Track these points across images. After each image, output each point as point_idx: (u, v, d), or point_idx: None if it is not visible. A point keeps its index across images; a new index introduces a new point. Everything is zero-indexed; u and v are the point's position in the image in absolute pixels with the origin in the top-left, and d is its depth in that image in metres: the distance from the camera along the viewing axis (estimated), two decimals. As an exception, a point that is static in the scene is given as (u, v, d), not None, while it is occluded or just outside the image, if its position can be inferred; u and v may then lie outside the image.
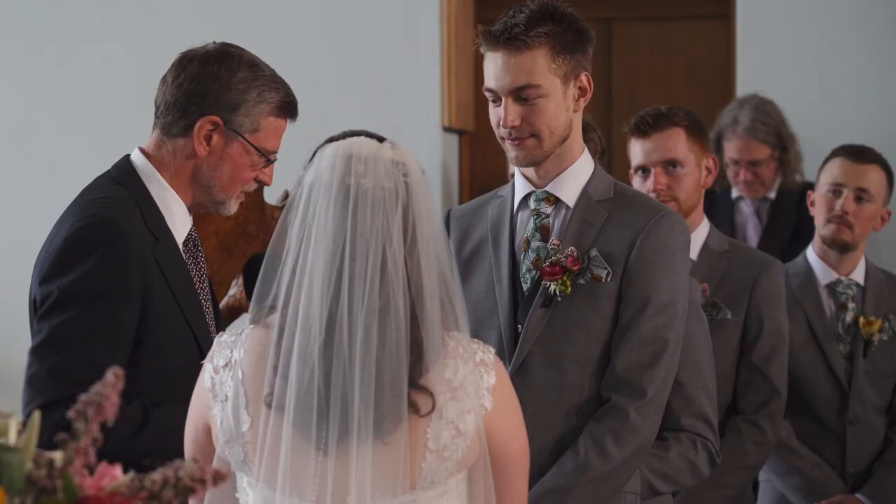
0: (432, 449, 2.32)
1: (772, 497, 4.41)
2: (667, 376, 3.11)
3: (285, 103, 3.11)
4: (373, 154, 2.35)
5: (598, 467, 3.03)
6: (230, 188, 3.10)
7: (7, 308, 6.28)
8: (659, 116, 4.00)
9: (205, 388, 2.40)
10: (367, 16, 6.36)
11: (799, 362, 4.29)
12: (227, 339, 2.41)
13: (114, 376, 1.40)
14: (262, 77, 3.07)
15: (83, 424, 1.37)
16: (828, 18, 6.07)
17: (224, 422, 2.35)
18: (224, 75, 3.04)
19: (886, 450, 4.36)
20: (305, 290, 2.31)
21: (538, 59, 3.07)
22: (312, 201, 2.33)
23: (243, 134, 3.05)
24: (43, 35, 6.54)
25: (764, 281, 4.01)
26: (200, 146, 3.05)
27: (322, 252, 2.31)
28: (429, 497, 2.34)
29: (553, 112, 3.10)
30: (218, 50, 3.09)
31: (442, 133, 6.35)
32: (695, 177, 3.99)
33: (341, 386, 2.28)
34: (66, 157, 6.46)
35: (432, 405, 2.31)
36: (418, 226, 2.34)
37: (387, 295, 2.29)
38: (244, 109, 3.05)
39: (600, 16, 6.24)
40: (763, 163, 5.62)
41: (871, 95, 6.03)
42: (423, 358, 2.31)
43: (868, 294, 4.41)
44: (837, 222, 4.37)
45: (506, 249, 3.19)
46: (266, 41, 6.30)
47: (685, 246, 3.17)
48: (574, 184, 3.17)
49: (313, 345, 2.29)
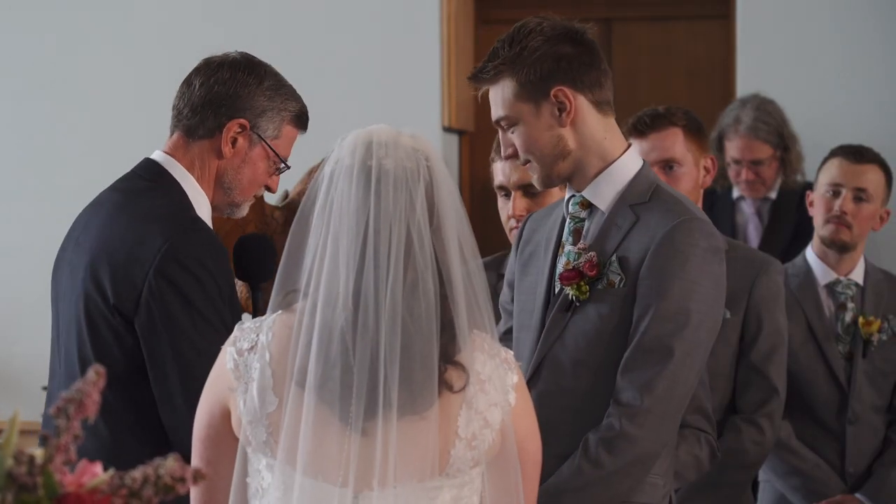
0: (462, 437, 2.33)
1: (771, 497, 4.40)
2: (672, 386, 3.01)
3: (303, 114, 3.24)
4: (393, 139, 2.36)
5: (588, 474, 2.99)
6: (248, 191, 3.21)
7: (7, 308, 6.30)
8: (657, 116, 4.00)
9: (226, 371, 2.39)
10: (367, 16, 6.36)
11: (798, 362, 4.29)
12: (250, 325, 2.42)
13: (95, 374, 1.41)
14: (285, 87, 3.21)
15: (64, 421, 1.38)
16: (828, 18, 6.07)
17: (248, 403, 2.35)
18: (253, 82, 3.16)
19: (886, 450, 4.36)
20: (329, 269, 2.31)
21: (505, 90, 3.08)
22: (334, 185, 2.35)
23: (266, 139, 3.16)
24: (42, 35, 6.54)
25: (763, 280, 4.00)
26: (226, 147, 3.15)
27: (345, 231, 2.31)
28: (452, 485, 2.35)
29: (532, 136, 3.09)
30: (245, 58, 3.21)
31: (442, 133, 6.35)
32: (693, 177, 3.98)
33: (369, 362, 2.28)
34: (66, 157, 6.46)
35: (466, 381, 2.32)
36: (442, 209, 2.35)
37: (414, 271, 2.29)
38: (269, 115, 3.17)
39: (600, 16, 6.25)
40: (765, 162, 5.62)
41: (871, 95, 6.03)
42: (455, 337, 2.32)
43: (867, 294, 4.41)
44: (836, 222, 4.37)
45: (550, 253, 3.17)
46: (266, 41, 6.31)
47: (706, 252, 3.05)
48: (609, 187, 3.11)
49: (340, 322, 2.30)
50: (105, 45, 6.51)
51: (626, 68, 6.40)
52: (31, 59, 6.53)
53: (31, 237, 6.25)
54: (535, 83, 3.07)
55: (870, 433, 4.35)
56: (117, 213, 3.11)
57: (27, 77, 6.54)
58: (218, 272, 3.05)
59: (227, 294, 3.07)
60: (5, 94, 6.57)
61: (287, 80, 3.24)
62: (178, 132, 3.18)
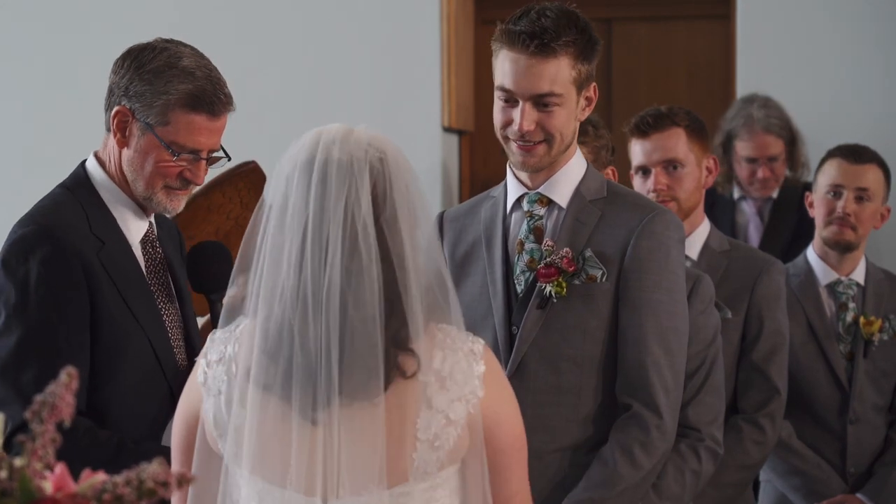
0: (422, 439, 2.31)
1: (772, 497, 4.40)
2: (678, 374, 3.12)
3: (196, 96, 3.05)
4: (343, 134, 2.35)
5: (629, 478, 3.03)
6: (153, 182, 3.09)
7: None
8: (659, 116, 4.00)
9: (197, 383, 2.40)
10: (367, 16, 6.36)
11: (799, 362, 4.29)
12: (220, 336, 2.41)
13: (67, 376, 1.40)
14: (174, 68, 3.06)
15: (38, 425, 1.37)
16: (827, 18, 6.07)
17: (216, 415, 2.35)
18: (132, 67, 3.08)
19: (887, 449, 4.36)
20: (272, 263, 2.31)
21: (562, 67, 3.06)
22: (279, 182, 2.35)
23: (152, 126, 3.06)
24: (42, 33, 6.54)
25: (764, 281, 4.00)
26: (117, 136, 3.09)
27: (287, 225, 2.31)
28: (422, 489, 2.33)
29: (566, 119, 3.10)
30: (146, 44, 3.12)
31: (442, 133, 6.35)
32: (695, 177, 3.99)
33: (312, 353, 2.27)
34: (66, 159, 6.45)
35: (417, 366, 2.30)
36: (397, 199, 2.32)
37: (358, 261, 2.28)
38: (148, 100, 3.05)
39: (600, 16, 6.23)
40: (778, 158, 5.64)
41: (870, 95, 6.03)
42: (406, 323, 2.30)
43: (868, 294, 4.41)
44: (839, 223, 4.36)
45: (499, 251, 3.18)
46: (266, 42, 6.31)
47: (680, 244, 3.17)
48: (566, 184, 3.17)
49: (282, 314, 2.29)
50: (107, 43, 6.50)
51: (626, 68, 6.39)
52: (32, 59, 6.53)
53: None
54: (587, 74, 3.12)
55: (871, 433, 4.35)
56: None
57: (27, 76, 6.54)
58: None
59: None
60: (5, 94, 6.57)
61: (195, 61, 3.08)
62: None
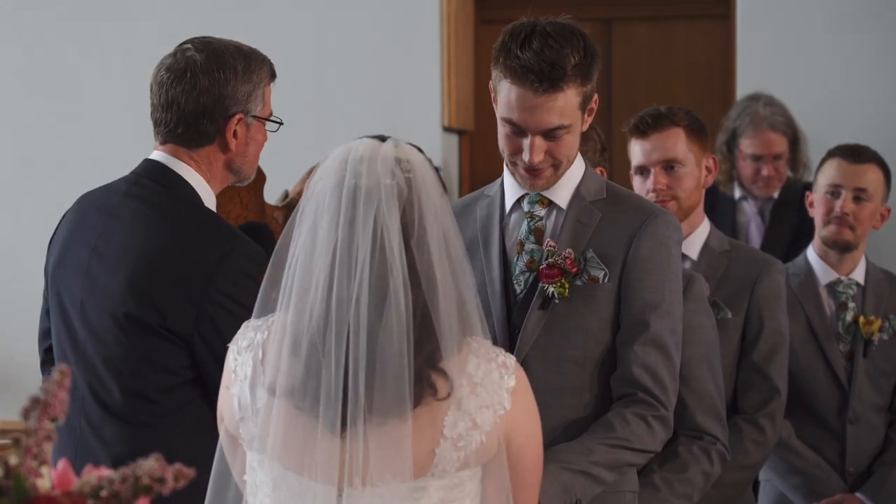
0: (447, 436, 2.33)
1: (772, 496, 4.40)
2: (675, 371, 3.13)
3: (271, 70, 3.30)
4: (371, 153, 2.37)
5: (650, 444, 3.08)
6: (255, 161, 3.30)
7: (7, 308, 6.29)
8: (658, 116, 4.00)
9: (229, 370, 2.45)
10: (367, 16, 6.36)
11: (799, 362, 4.29)
12: (254, 323, 2.46)
13: (60, 374, 1.40)
14: (250, 59, 3.24)
15: (33, 423, 1.37)
16: (828, 18, 6.07)
17: (241, 399, 2.40)
18: (231, 76, 3.19)
19: (886, 449, 4.36)
20: (301, 282, 2.35)
21: (570, 97, 3.03)
22: (312, 201, 2.38)
23: (259, 115, 3.23)
24: (41, 33, 6.54)
25: (764, 280, 4.00)
26: (231, 142, 3.21)
27: (319, 247, 2.35)
28: (439, 486, 2.35)
29: (573, 142, 3.10)
30: (208, 54, 3.20)
31: (442, 133, 6.35)
32: (695, 176, 3.99)
33: (342, 373, 2.31)
34: (66, 157, 6.46)
35: (450, 388, 2.33)
36: (427, 222, 2.35)
37: (385, 285, 2.31)
38: (254, 94, 3.23)
39: (600, 16, 6.25)
40: (783, 156, 5.64)
41: (870, 95, 6.03)
42: (438, 346, 2.33)
43: (868, 293, 4.40)
44: (838, 223, 4.36)
45: (496, 251, 3.18)
46: (266, 42, 6.30)
47: (679, 245, 3.19)
48: (566, 186, 3.17)
49: (311, 333, 2.33)
50: (104, 44, 6.50)
51: (626, 68, 6.40)
52: (31, 60, 6.54)
53: (31, 237, 6.24)
54: (590, 91, 3.10)
55: (870, 432, 4.35)
56: (146, 224, 3.14)
57: (27, 77, 6.54)
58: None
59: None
60: (5, 94, 6.58)
61: (245, 46, 3.28)
62: (172, 144, 3.21)
